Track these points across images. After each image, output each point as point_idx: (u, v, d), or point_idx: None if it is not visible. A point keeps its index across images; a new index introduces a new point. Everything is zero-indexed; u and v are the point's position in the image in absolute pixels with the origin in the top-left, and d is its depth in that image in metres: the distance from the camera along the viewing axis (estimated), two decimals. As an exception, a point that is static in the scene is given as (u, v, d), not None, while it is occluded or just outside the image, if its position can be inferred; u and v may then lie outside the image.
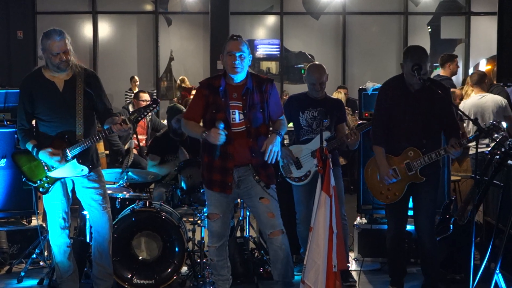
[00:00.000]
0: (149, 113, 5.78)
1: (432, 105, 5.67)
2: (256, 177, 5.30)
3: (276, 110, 5.47)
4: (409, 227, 6.13)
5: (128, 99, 14.88)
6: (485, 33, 16.54)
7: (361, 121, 7.25)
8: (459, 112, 5.93)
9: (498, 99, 8.33)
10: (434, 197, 5.84)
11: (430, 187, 5.79)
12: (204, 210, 6.39)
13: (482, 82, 8.47)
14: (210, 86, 5.35)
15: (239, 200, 6.51)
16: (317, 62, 6.70)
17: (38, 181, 5.70)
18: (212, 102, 5.29)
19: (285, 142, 6.39)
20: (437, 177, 5.89)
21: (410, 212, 6.02)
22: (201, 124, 5.47)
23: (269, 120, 5.46)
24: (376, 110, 5.99)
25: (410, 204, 5.97)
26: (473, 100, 8.42)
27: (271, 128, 5.50)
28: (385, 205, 6.09)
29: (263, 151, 5.18)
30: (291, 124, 6.52)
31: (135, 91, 14.16)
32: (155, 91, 14.83)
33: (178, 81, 15.96)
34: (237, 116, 5.26)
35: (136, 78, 14.78)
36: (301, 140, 6.43)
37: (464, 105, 8.48)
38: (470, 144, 9.59)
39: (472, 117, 5.79)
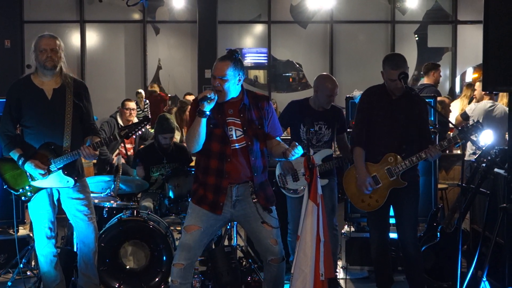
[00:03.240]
0: (139, 131, 5.71)
1: (411, 113, 5.73)
2: (254, 196, 5.06)
3: (275, 129, 5.27)
4: (395, 235, 6.13)
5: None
6: (471, 41, 16.60)
7: (348, 130, 7.27)
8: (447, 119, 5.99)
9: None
10: (415, 204, 5.88)
11: (411, 194, 5.82)
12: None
13: None
14: None
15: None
16: (325, 73, 6.70)
17: (21, 190, 5.68)
18: (209, 117, 4.98)
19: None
20: (417, 184, 5.93)
21: (392, 220, 6.03)
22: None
23: (268, 137, 5.23)
24: (357, 113, 6.06)
25: (391, 212, 6.00)
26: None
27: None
28: (367, 215, 6.11)
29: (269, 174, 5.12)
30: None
31: (142, 107, 14.16)
32: (147, 101, 14.76)
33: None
34: (234, 133, 5.03)
35: (143, 93, 14.69)
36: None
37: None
38: (459, 152, 9.76)
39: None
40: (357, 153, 5.89)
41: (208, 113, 4.89)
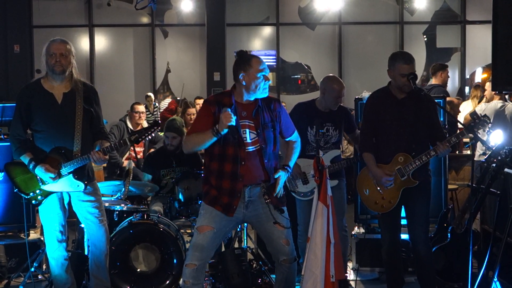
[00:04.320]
0: (149, 136, 5.74)
1: (418, 112, 5.72)
2: (266, 197, 5.06)
3: (287, 128, 5.33)
4: (406, 236, 6.12)
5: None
6: (480, 41, 16.54)
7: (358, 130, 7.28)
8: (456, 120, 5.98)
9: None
10: (427, 204, 5.86)
11: (422, 195, 5.81)
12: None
13: None
14: (219, 103, 5.08)
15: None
16: (331, 75, 6.70)
17: (31, 193, 5.70)
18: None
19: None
20: (429, 184, 5.92)
21: (404, 222, 6.02)
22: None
23: (280, 138, 5.31)
24: (363, 120, 6.10)
25: (403, 213, 5.99)
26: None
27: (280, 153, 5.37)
28: (378, 216, 6.10)
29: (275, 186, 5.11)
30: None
31: (151, 110, 14.20)
32: (157, 104, 14.78)
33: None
34: (248, 135, 5.04)
35: (152, 96, 14.72)
36: (307, 155, 6.39)
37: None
38: (469, 152, 9.73)
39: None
40: (367, 158, 5.89)
41: (222, 133, 4.91)
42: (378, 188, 5.85)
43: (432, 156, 5.67)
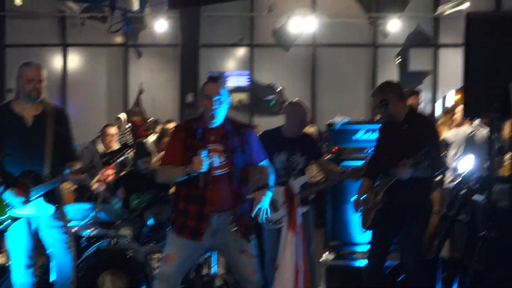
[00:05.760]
0: (121, 158, 5.71)
1: (406, 135, 5.67)
2: (234, 224, 5.03)
3: (258, 154, 5.27)
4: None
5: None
6: (453, 65, 16.66)
7: (329, 155, 7.26)
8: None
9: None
10: (417, 230, 5.70)
11: (414, 219, 5.66)
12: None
13: None
14: (187, 128, 5.12)
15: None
16: (295, 99, 6.74)
17: (-1, 219, 5.63)
18: (189, 145, 5.02)
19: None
20: (422, 210, 5.76)
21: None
22: None
23: (250, 164, 5.24)
24: (374, 146, 6.13)
25: None
26: None
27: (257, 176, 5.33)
28: (372, 233, 6.04)
29: (251, 202, 5.03)
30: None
31: (123, 131, 14.14)
32: (129, 124, 14.70)
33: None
34: (216, 160, 5.01)
35: (122, 118, 14.65)
36: (276, 183, 6.36)
37: None
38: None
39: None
40: (362, 183, 5.94)
41: (192, 175, 4.91)
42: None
43: (393, 179, 5.57)
